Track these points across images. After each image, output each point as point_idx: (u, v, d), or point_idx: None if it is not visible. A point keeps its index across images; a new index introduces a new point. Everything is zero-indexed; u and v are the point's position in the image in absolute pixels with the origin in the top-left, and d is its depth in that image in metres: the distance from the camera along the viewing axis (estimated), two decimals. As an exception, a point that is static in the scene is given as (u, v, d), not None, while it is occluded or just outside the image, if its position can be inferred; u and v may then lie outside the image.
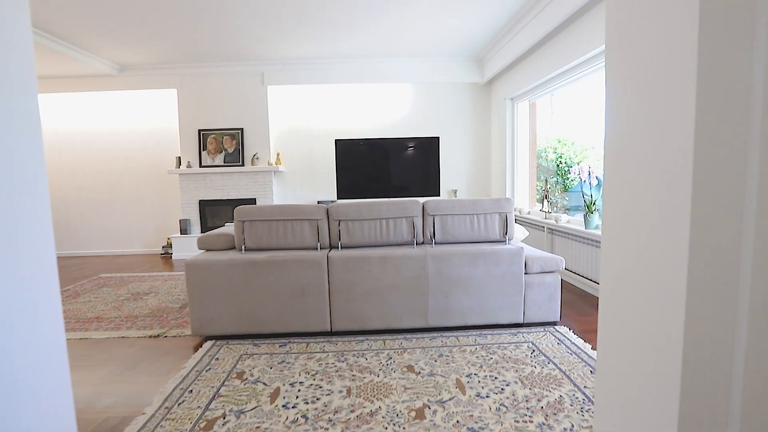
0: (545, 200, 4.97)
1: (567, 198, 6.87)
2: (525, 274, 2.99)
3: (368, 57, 6.10)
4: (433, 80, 6.36)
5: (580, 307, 3.50)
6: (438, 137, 6.51)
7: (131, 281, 4.92)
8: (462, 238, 3.12)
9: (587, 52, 3.87)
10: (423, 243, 3.14)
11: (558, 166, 8.05)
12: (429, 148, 6.54)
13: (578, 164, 4.23)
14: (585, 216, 3.91)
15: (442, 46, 5.74)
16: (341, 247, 3.08)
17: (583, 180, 3.99)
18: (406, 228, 3.08)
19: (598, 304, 3.32)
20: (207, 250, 3.18)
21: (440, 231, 3.10)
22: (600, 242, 3.61)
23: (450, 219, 3.09)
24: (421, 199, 3.22)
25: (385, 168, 6.59)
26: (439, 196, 6.58)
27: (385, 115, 6.69)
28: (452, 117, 6.73)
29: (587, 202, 3.91)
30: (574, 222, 4.34)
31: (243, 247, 3.05)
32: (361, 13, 4.49)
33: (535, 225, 5.05)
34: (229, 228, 3.37)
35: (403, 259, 2.90)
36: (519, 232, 3.35)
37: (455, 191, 6.77)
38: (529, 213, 5.50)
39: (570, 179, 7.78)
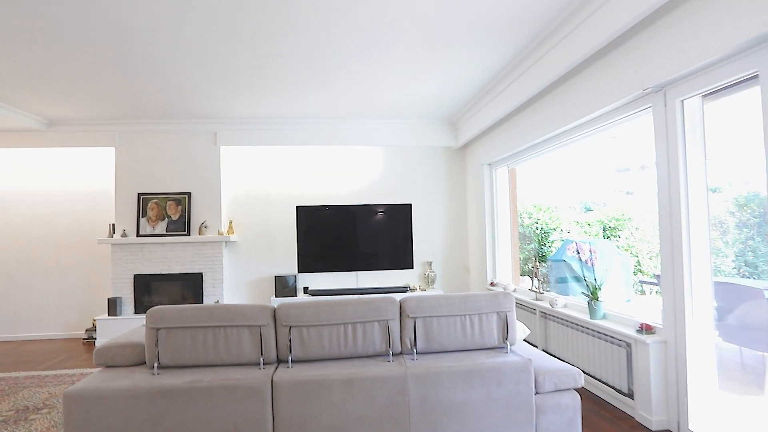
0: (534, 278, 4.37)
1: (544, 266, 6.35)
2: (535, 394, 2.28)
3: (332, 117, 5.60)
4: (402, 144, 5.89)
5: (604, 429, 2.78)
6: (410, 204, 5.96)
7: (26, 386, 3.85)
8: (451, 346, 2.40)
9: (577, 118, 3.45)
10: (401, 353, 2.40)
11: (535, 232, 7.58)
12: (400, 215, 5.95)
13: (575, 242, 3.69)
14: (590, 304, 3.29)
15: (411, 108, 5.32)
16: (292, 362, 2.29)
17: (585, 261, 3.42)
18: (379, 334, 2.34)
19: (622, 418, 2.59)
20: (107, 367, 2.32)
21: (423, 337, 2.37)
22: (619, 339, 2.92)
23: (436, 322, 2.38)
24: (397, 296, 2.52)
25: (353, 237, 5.91)
26: (411, 268, 5.92)
27: (352, 179, 6.11)
28: (425, 183, 6.23)
29: (591, 288, 3.31)
30: (574, 306, 3.71)
31: (156, 364, 2.21)
32: (322, 70, 3.99)
33: (524, 307, 4.41)
34: (141, 332, 2.53)
35: (375, 381, 2.13)
36: (519, 330, 2.67)
37: (430, 263, 6.12)
38: (515, 290, 4.87)
39: (547, 246, 7.35)
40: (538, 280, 4.32)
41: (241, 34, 3.26)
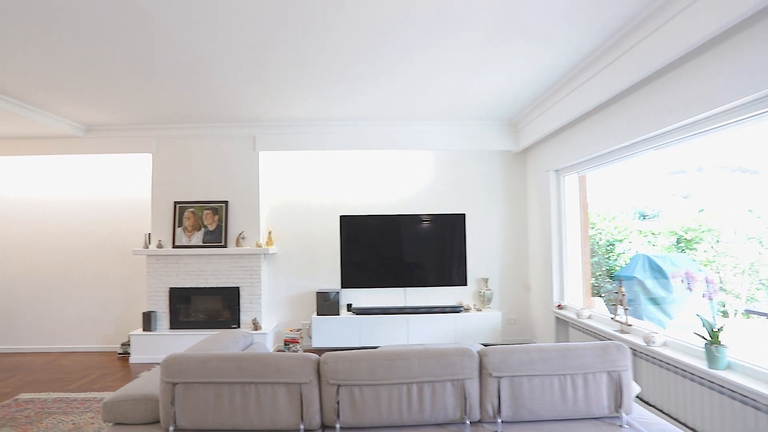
0: (620, 305, 3.67)
1: (610, 283, 5.58)
2: (666, 489, 1.66)
3: (378, 119, 5.11)
4: (455, 147, 5.31)
5: None
6: (464, 214, 5.39)
7: (53, 412, 3.57)
8: (547, 415, 1.82)
9: (673, 122, 2.80)
10: (481, 422, 1.84)
11: (598, 244, 6.78)
12: (453, 227, 5.38)
13: (685, 269, 3.00)
14: (708, 349, 2.60)
15: (466, 108, 4.74)
16: (341, 429, 1.79)
17: (707, 295, 2.73)
18: (452, 397, 1.80)
19: None
20: (116, 424, 1.90)
21: (510, 403, 1.81)
22: (759, 402, 2.23)
23: (527, 383, 1.81)
24: (475, 347, 1.97)
25: (401, 251, 5.39)
26: (465, 284, 5.34)
27: (400, 187, 5.59)
28: (480, 190, 5.62)
29: (708, 328, 2.62)
30: (675, 345, 3.01)
31: (172, 427, 1.76)
32: (368, 68, 3.50)
33: (601, 335, 3.72)
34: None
35: (451, 467, 1.59)
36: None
37: (486, 280, 5.50)
38: (589, 317, 4.19)
39: (612, 259, 6.53)
40: (624, 307, 3.61)
41: (277, 28, 2.82)
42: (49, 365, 4.95)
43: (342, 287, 5.33)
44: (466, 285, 5.39)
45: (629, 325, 3.52)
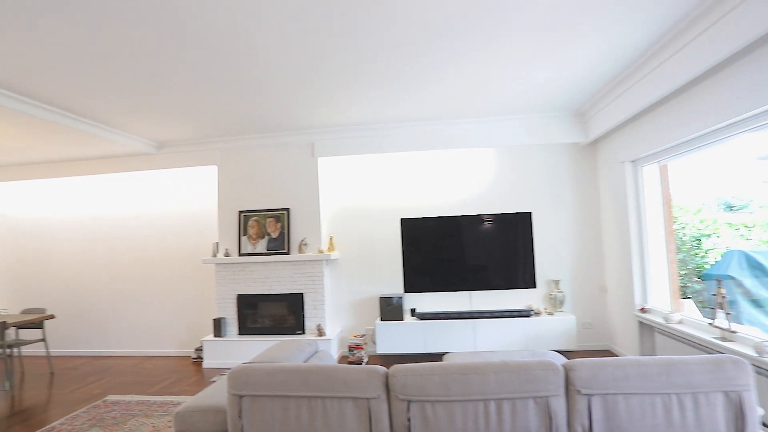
0: (720, 308, 3.25)
1: (700, 283, 5.01)
2: None
3: (436, 119, 4.95)
4: (517, 142, 5.03)
5: None
6: (529, 213, 5.09)
7: (135, 414, 3.75)
8: (648, 440, 1.59)
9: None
10: (569, 445, 1.64)
11: (682, 240, 6.16)
12: (519, 226, 5.11)
13: None
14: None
15: (529, 101, 4.47)
16: (412, 448, 1.67)
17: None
18: (535, 417, 1.62)
19: None
20: (187, 435, 1.90)
21: (604, 424, 1.59)
22: None
23: (623, 402, 1.59)
24: (558, 359, 1.77)
25: (465, 253, 5.20)
26: (534, 287, 5.04)
27: (461, 187, 5.39)
28: (545, 186, 5.28)
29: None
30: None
31: (241, 440, 1.73)
32: (425, 65, 3.37)
33: (699, 346, 3.31)
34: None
35: (539, 498, 1.42)
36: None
37: (557, 282, 5.16)
38: (680, 322, 3.76)
39: (700, 256, 5.90)
40: (726, 311, 3.19)
41: (331, 29, 2.77)
42: (134, 368, 5.26)
43: (405, 292, 5.22)
44: (534, 287, 5.08)
45: (733, 332, 3.10)
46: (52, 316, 5.13)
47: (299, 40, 2.92)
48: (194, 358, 5.47)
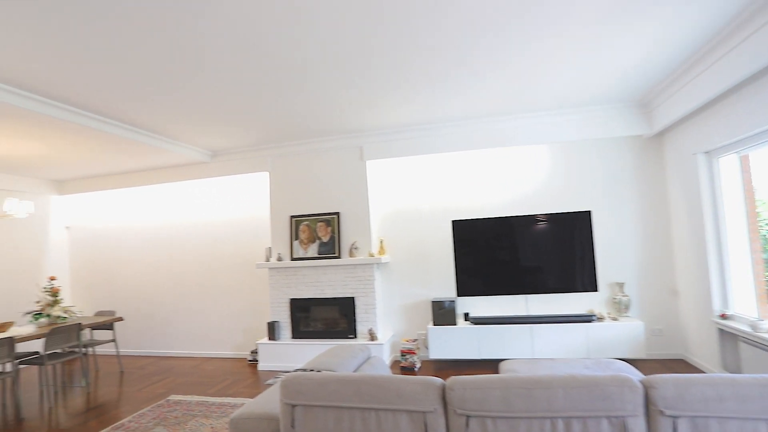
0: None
1: None
2: None
3: (486, 116, 4.78)
4: (573, 137, 4.75)
5: None
6: (588, 212, 4.79)
7: (195, 414, 3.87)
8: (746, 469, 1.39)
9: None
10: (650, 471, 1.47)
11: (766, 237, 5.62)
12: (577, 226, 4.82)
13: None
14: None
15: (586, 92, 4.20)
16: (473, 467, 1.56)
17: None
18: (609, 438, 1.46)
19: None
20: (243, 441, 1.89)
21: (692, 450, 1.41)
22: None
23: (717, 427, 1.40)
24: (627, 370, 1.60)
25: (520, 255, 4.98)
26: (596, 290, 4.74)
27: (513, 186, 5.18)
28: (606, 184, 4.96)
29: None
30: None
31: (294, 450, 1.70)
32: (476, 61, 3.24)
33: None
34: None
35: None
36: None
37: (621, 285, 4.82)
38: (769, 330, 3.38)
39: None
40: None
41: (377, 28, 2.71)
42: (194, 369, 5.47)
43: (457, 295, 5.08)
44: (596, 291, 4.77)
45: (835, 343, 2.73)
46: (121, 319, 5.44)
47: (346, 45, 2.89)
48: (250, 361, 5.60)
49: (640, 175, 4.90)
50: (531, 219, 4.95)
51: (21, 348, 4.73)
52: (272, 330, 5.28)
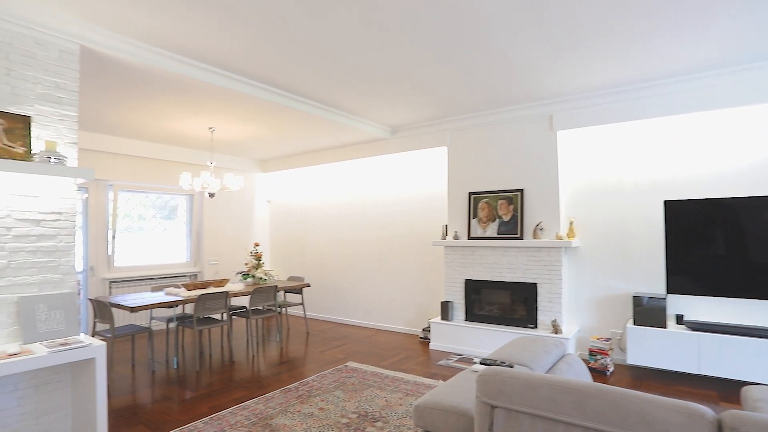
0: None
1: None
2: None
3: (710, 70, 3.63)
4: None
5: None
6: None
7: (370, 384, 3.92)
8: None
9: None
10: None
11: None
12: None
13: None
14: None
15: None
16: None
17: None
18: None
19: None
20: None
21: None
22: None
23: None
24: None
25: (758, 247, 3.75)
26: None
27: (739, 158, 3.89)
28: None
29: None
30: None
31: (490, 458, 1.39)
32: (689, 6, 2.35)
33: None
34: (468, 384, 1.77)
35: None
36: None
37: None
38: None
39: None
40: None
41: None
42: (368, 339, 5.67)
43: (668, 293, 4.10)
44: None
45: None
46: (308, 285, 5.95)
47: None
48: (421, 338, 5.55)
49: None
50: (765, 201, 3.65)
51: (232, 303, 5.51)
52: (445, 310, 5.10)
